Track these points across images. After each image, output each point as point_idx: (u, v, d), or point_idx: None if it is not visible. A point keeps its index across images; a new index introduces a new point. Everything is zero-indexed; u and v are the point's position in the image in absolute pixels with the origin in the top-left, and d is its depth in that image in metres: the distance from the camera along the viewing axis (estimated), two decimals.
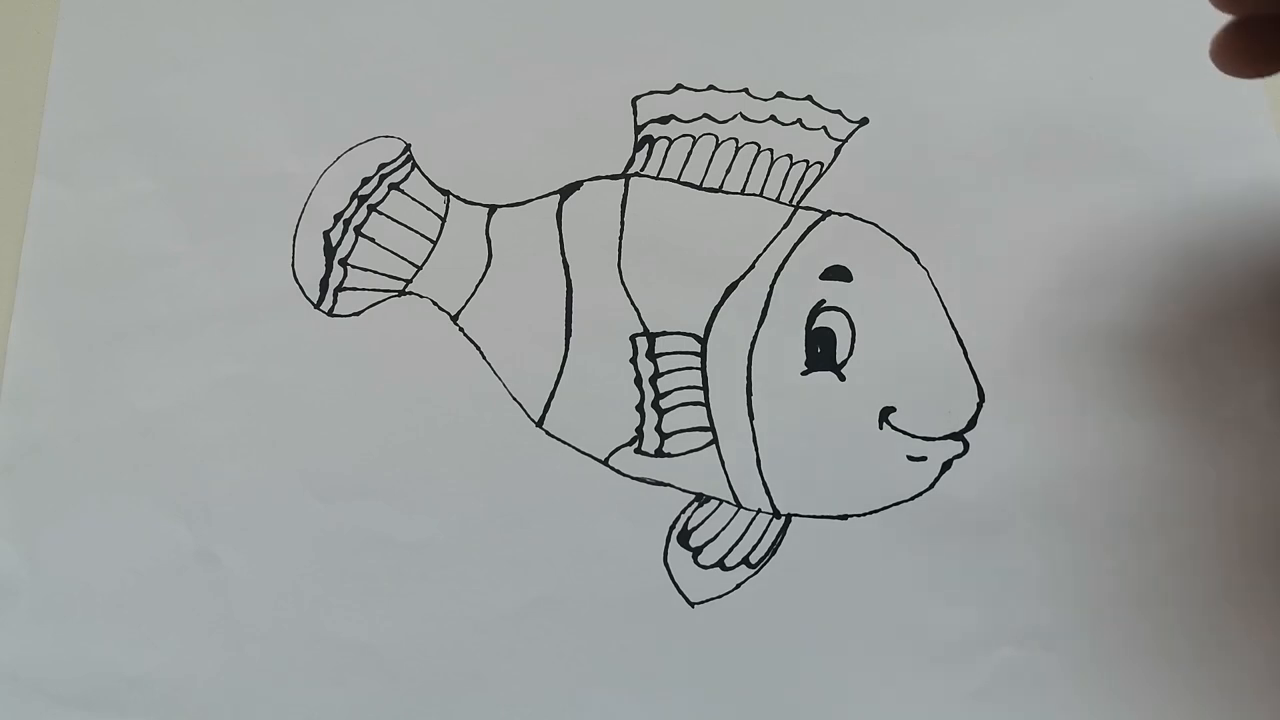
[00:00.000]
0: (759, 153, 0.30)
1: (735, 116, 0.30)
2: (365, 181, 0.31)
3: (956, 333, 0.28)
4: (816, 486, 0.28)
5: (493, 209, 0.31)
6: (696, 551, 0.28)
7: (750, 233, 0.29)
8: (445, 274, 0.30)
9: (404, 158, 0.31)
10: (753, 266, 0.29)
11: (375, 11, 0.32)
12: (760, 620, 0.27)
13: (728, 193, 0.30)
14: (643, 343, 0.29)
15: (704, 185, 0.30)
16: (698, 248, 0.29)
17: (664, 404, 0.28)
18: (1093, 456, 0.27)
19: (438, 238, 0.30)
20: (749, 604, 0.27)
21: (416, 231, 0.30)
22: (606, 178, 0.30)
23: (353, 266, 0.30)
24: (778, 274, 0.29)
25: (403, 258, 0.30)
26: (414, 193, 0.31)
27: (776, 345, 0.29)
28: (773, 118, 0.30)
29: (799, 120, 0.30)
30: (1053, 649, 0.26)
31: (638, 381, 0.29)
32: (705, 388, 0.29)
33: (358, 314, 0.30)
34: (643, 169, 0.30)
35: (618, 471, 0.28)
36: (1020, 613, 0.26)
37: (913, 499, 0.27)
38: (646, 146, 0.30)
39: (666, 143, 0.30)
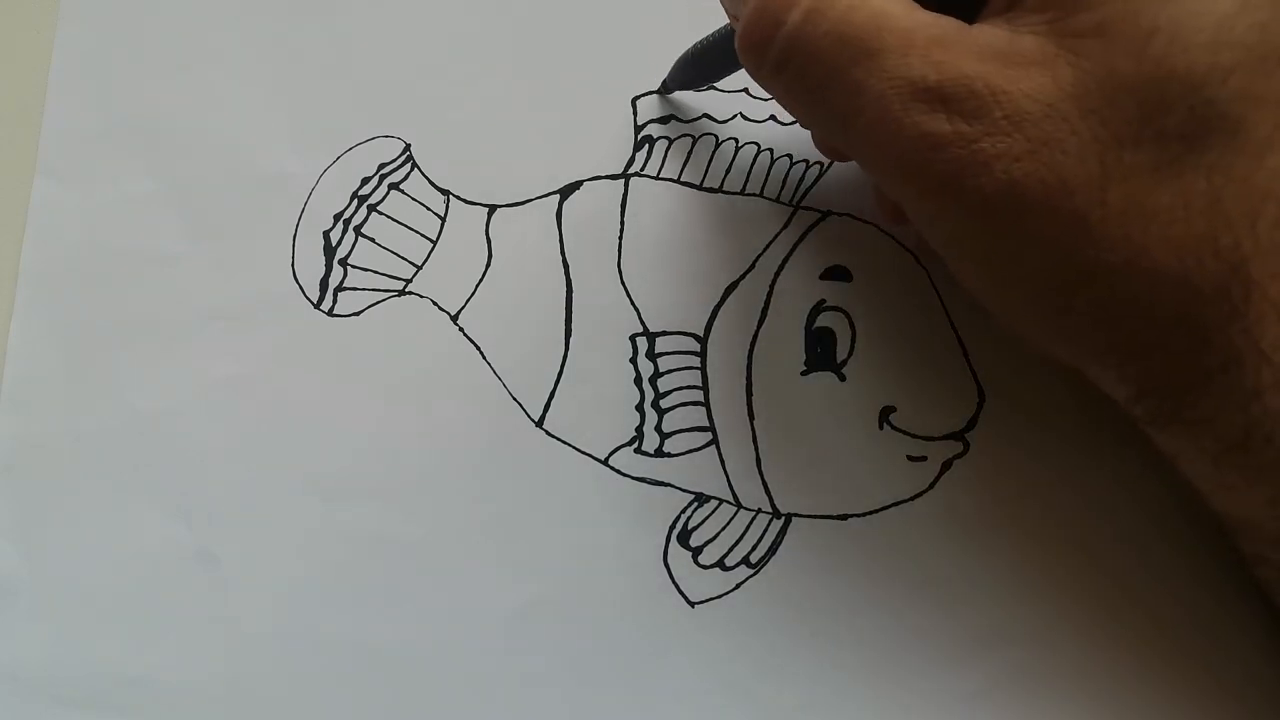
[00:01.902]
0: (759, 153, 0.30)
1: (735, 116, 0.30)
2: (365, 181, 0.31)
3: (956, 333, 0.28)
4: (816, 486, 0.28)
5: (493, 209, 0.31)
6: (696, 551, 0.28)
7: (750, 233, 0.29)
8: (445, 274, 0.30)
9: (404, 158, 0.31)
10: (753, 266, 0.29)
11: (375, 11, 0.32)
12: (760, 620, 0.27)
13: (728, 193, 0.30)
14: (643, 342, 0.29)
15: (704, 185, 0.30)
16: (698, 248, 0.29)
17: (664, 404, 0.28)
18: (1093, 456, 0.27)
19: (437, 238, 0.30)
20: (749, 604, 0.27)
21: (416, 231, 0.30)
22: (606, 178, 0.30)
23: (353, 266, 0.30)
24: (778, 274, 0.29)
25: (403, 258, 0.30)
26: (414, 193, 0.31)
27: (776, 345, 0.29)
28: (773, 118, 0.30)
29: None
30: (1052, 649, 0.26)
31: (638, 381, 0.29)
32: (705, 388, 0.29)
33: (358, 314, 0.30)
34: (643, 169, 0.30)
35: (618, 471, 0.28)
36: (1020, 613, 0.26)
37: (913, 499, 0.27)
38: (646, 146, 0.30)
39: (666, 143, 0.30)
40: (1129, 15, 0.19)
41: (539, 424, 0.29)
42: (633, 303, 0.29)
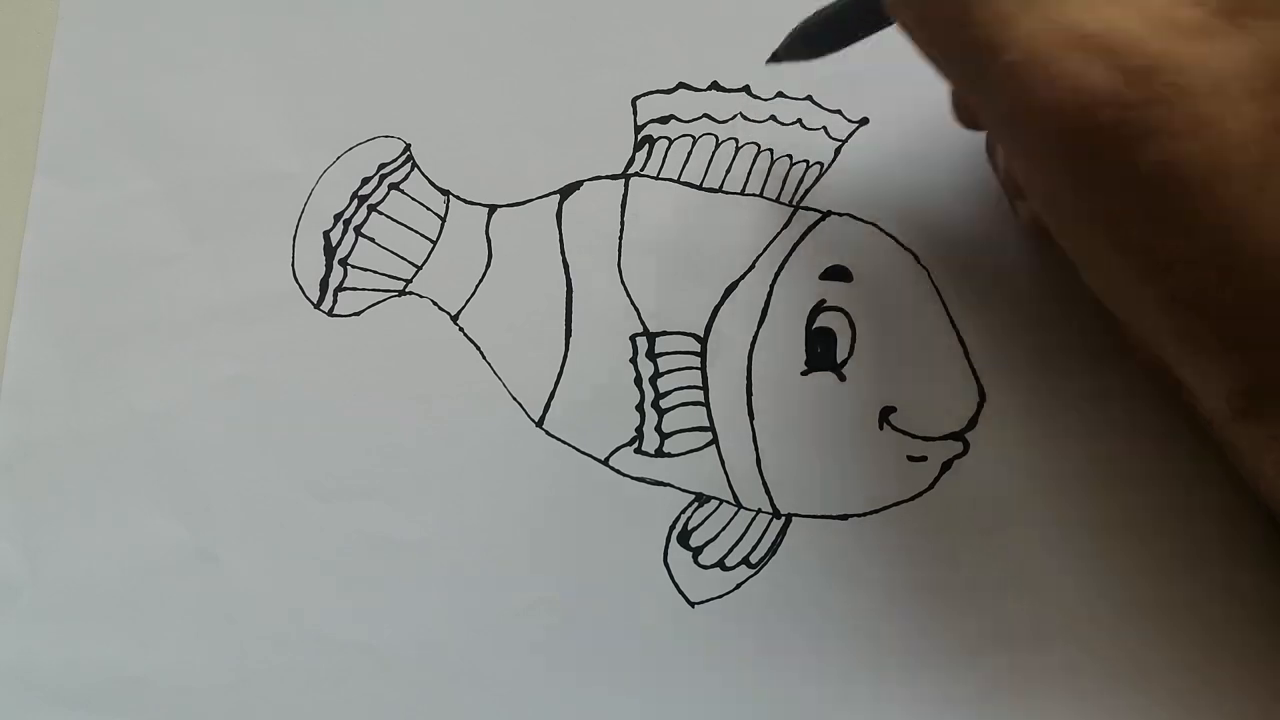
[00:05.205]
0: (759, 153, 0.30)
1: (735, 116, 0.30)
2: (365, 181, 0.31)
3: (957, 332, 0.28)
4: (816, 486, 0.28)
5: (493, 209, 0.31)
6: (697, 551, 0.28)
7: (750, 233, 0.29)
8: (445, 274, 0.30)
9: (404, 158, 0.31)
10: (753, 266, 0.29)
11: (375, 11, 0.32)
12: (760, 620, 0.27)
13: (728, 193, 0.30)
14: (643, 343, 0.29)
15: (704, 185, 0.30)
16: (698, 248, 0.29)
17: (664, 404, 0.28)
18: (1093, 456, 0.27)
19: (438, 238, 0.30)
20: (749, 604, 0.27)
21: (416, 231, 0.30)
22: (606, 178, 0.30)
23: (353, 266, 0.30)
24: (778, 274, 0.29)
25: (403, 258, 0.30)
26: (414, 193, 0.31)
27: (776, 345, 0.29)
28: (773, 118, 0.30)
29: (799, 120, 0.30)
30: (1052, 651, 0.26)
31: (638, 381, 0.29)
32: (705, 388, 0.29)
33: (358, 314, 0.30)
34: (643, 169, 0.30)
35: (618, 471, 0.28)
36: (1020, 614, 0.26)
37: (913, 499, 0.27)
38: (646, 146, 0.30)
39: (666, 143, 0.30)
40: None
41: (539, 424, 0.29)
42: (633, 303, 0.29)
